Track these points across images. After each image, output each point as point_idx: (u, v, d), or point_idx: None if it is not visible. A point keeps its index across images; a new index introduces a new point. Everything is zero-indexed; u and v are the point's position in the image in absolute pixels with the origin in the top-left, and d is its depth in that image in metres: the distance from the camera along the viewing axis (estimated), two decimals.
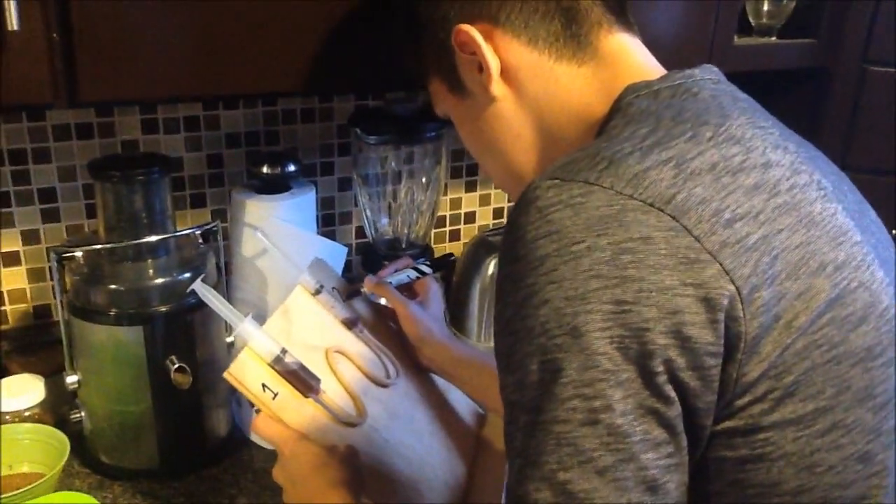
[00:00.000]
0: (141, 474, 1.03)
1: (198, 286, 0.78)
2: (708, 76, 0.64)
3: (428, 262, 1.01)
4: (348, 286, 0.98)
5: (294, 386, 0.79)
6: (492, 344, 0.56)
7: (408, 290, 1.00)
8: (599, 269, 0.49)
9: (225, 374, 0.77)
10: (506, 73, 0.67)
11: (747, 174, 0.55)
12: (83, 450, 1.05)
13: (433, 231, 1.50)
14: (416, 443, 0.90)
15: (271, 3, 0.83)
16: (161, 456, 1.03)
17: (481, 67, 0.67)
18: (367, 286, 0.97)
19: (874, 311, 0.56)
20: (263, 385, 0.77)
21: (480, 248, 1.43)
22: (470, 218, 1.56)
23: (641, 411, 0.49)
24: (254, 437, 1.11)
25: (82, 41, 0.77)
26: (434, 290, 1.00)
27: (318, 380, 0.80)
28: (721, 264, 0.50)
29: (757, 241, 0.52)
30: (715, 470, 0.54)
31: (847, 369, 0.54)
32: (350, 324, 0.92)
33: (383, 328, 0.98)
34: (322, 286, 0.91)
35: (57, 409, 1.09)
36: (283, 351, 0.78)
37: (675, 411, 0.50)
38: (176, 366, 0.99)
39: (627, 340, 0.49)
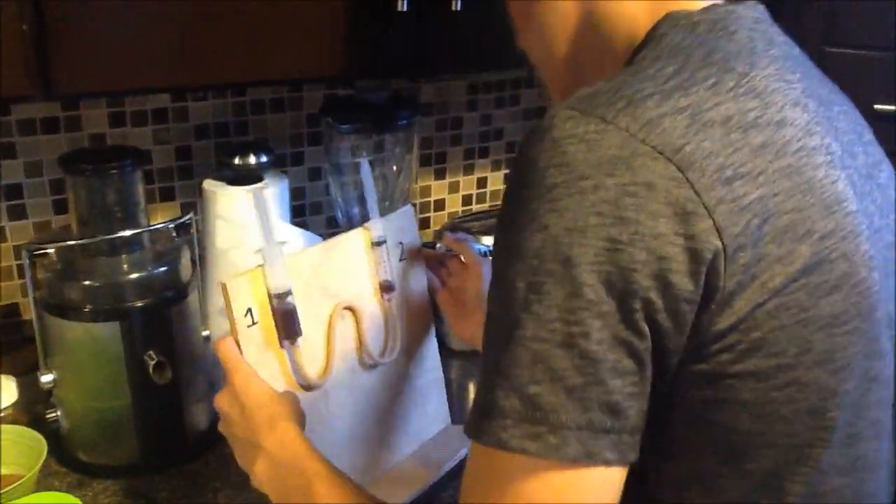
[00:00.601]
0: (121, 471, 1.02)
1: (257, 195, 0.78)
2: (751, 13, 0.64)
3: None
4: (414, 249, 0.97)
5: (277, 325, 0.78)
6: None
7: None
8: (601, 208, 0.51)
9: (221, 281, 0.76)
10: None
11: (759, 131, 0.56)
12: (61, 449, 1.04)
13: None
14: (355, 423, 0.89)
15: None
16: (141, 452, 1.02)
17: None
18: (447, 240, 0.99)
19: (849, 282, 0.58)
20: (249, 310, 0.76)
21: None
22: (440, 205, 1.56)
23: (615, 342, 0.52)
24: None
25: (56, 33, 0.76)
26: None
27: (300, 334, 0.80)
28: (714, 220, 0.52)
29: (752, 201, 0.54)
30: (682, 406, 0.58)
31: (811, 333, 0.56)
32: (385, 288, 0.91)
33: (416, 311, 0.97)
34: (384, 241, 0.90)
35: (31, 409, 1.07)
36: (290, 291, 0.78)
37: (645, 345, 0.53)
38: (154, 361, 0.98)
39: (614, 277, 0.51)
